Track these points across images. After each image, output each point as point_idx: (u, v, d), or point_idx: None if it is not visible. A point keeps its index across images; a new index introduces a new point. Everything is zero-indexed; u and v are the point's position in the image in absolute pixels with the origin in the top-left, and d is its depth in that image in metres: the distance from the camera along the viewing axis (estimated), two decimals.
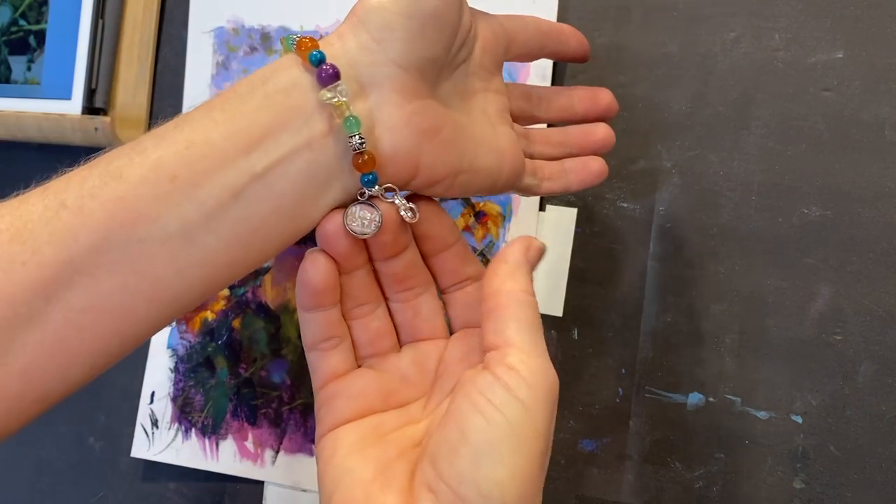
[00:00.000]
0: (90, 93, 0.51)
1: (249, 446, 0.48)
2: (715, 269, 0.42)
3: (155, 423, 0.50)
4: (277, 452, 0.48)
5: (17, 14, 0.53)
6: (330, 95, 0.27)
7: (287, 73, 0.28)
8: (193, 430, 0.49)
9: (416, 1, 0.28)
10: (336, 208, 0.29)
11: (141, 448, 0.50)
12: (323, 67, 0.27)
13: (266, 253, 0.28)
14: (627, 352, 0.43)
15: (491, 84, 0.33)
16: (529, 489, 0.25)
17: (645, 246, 0.43)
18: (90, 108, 0.51)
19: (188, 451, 0.49)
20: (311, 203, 0.28)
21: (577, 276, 0.44)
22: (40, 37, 0.52)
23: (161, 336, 0.51)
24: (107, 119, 0.50)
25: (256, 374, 0.49)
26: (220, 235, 0.26)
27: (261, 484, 0.48)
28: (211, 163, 0.26)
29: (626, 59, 0.44)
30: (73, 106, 0.50)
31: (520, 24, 0.34)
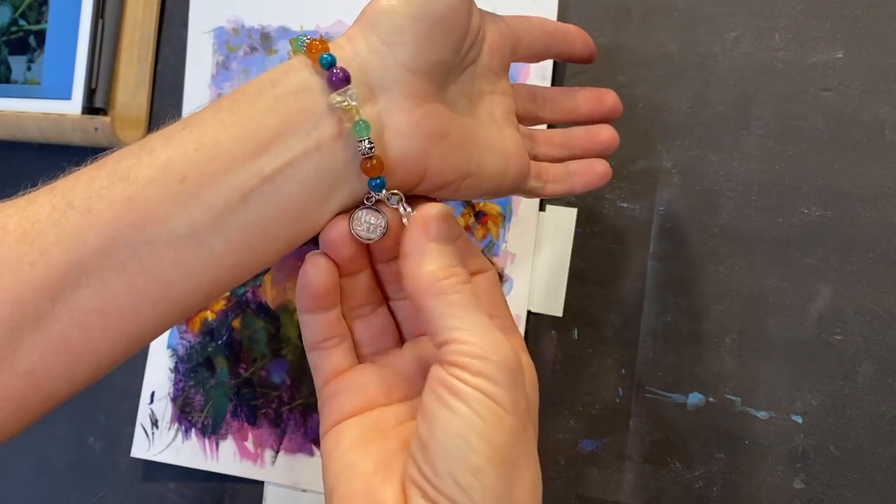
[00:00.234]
0: (90, 93, 0.51)
1: (249, 446, 0.48)
2: (715, 269, 0.42)
3: (155, 423, 0.50)
4: (277, 452, 0.48)
5: (17, 14, 0.53)
6: (340, 99, 0.27)
7: (297, 75, 0.27)
8: (193, 430, 0.49)
9: (426, 4, 0.28)
10: (339, 213, 0.29)
11: (141, 448, 0.50)
12: (334, 71, 0.27)
13: (272, 255, 0.28)
14: (627, 352, 0.43)
15: (498, 86, 0.33)
16: (511, 469, 0.24)
17: (645, 246, 0.43)
18: (90, 108, 0.51)
19: (188, 452, 0.49)
20: (318, 206, 0.28)
21: (577, 276, 0.44)
22: (40, 37, 0.52)
23: (161, 336, 0.50)
24: (107, 119, 0.50)
25: (256, 374, 0.49)
26: (227, 237, 0.26)
27: (261, 484, 0.48)
28: (220, 165, 0.26)
29: (626, 59, 0.44)
30: (73, 106, 0.50)
31: (526, 25, 0.34)
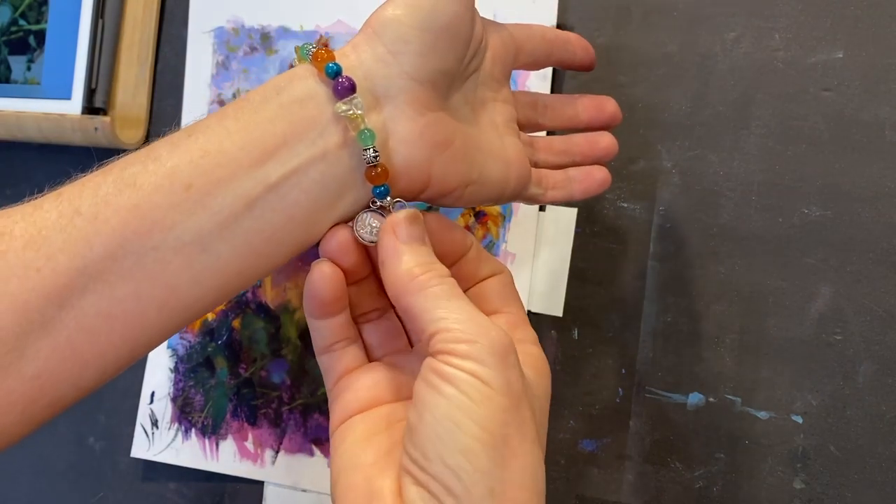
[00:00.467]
0: (90, 93, 0.50)
1: (249, 446, 0.48)
2: (715, 269, 0.42)
3: (155, 423, 0.50)
4: (277, 452, 0.48)
5: (17, 14, 0.53)
6: (345, 108, 0.27)
7: (302, 83, 0.28)
8: (193, 430, 0.49)
9: (431, 14, 0.28)
10: (338, 223, 0.29)
11: (141, 448, 0.50)
12: (339, 80, 0.27)
13: (277, 261, 0.28)
14: (627, 352, 0.43)
15: (499, 94, 0.33)
16: (502, 449, 0.24)
17: (645, 246, 0.43)
18: (90, 108, 0.51)
19: (188, 452, 0.49)
20: (323, 213, 0.28)
21: (577, 276, 0.44)
22: (40, 37, 0.52)
23: None
24: (107, 119, 0.50)
25: (256, 374, 0.49)
26: (233, 244, 0.26)
27: (261, 484, 0.48)
28: (225, 172, 0.26)
29: (626, 59, 0.44)
30: (73, 106, 0.50)
31: (527, 33, 0.34)
